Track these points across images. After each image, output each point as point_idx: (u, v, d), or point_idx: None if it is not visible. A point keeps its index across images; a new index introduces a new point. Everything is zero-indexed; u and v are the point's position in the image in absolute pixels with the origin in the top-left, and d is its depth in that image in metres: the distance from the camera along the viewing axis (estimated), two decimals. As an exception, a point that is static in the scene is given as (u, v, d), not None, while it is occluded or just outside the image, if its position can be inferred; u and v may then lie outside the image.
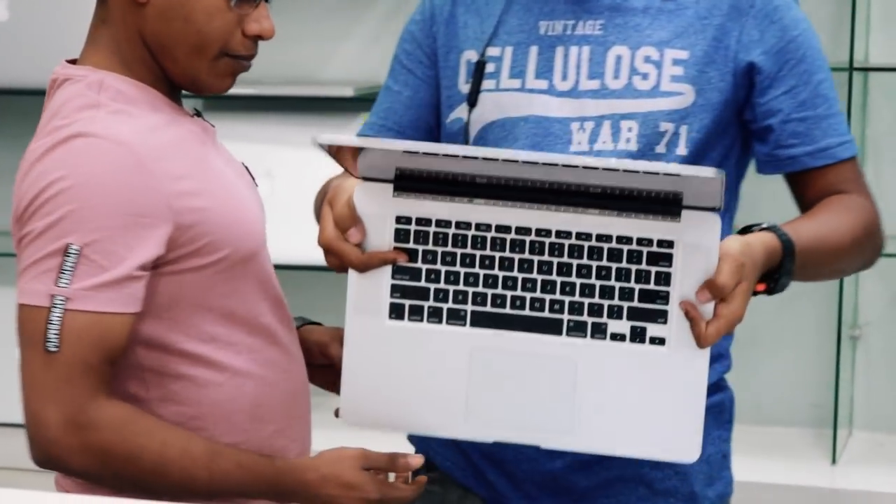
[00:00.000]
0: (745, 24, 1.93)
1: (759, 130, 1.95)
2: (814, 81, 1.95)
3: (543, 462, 1.95)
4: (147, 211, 1.73)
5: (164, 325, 1.78)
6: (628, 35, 1.93)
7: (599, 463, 1.94)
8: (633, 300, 1.71)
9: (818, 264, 1.89)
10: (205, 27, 1.79)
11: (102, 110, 1.76)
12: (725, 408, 2.05)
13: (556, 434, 1.72)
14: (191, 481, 1.75)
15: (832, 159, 1.95)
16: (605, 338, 1.71)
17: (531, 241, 1.73)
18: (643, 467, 1.95)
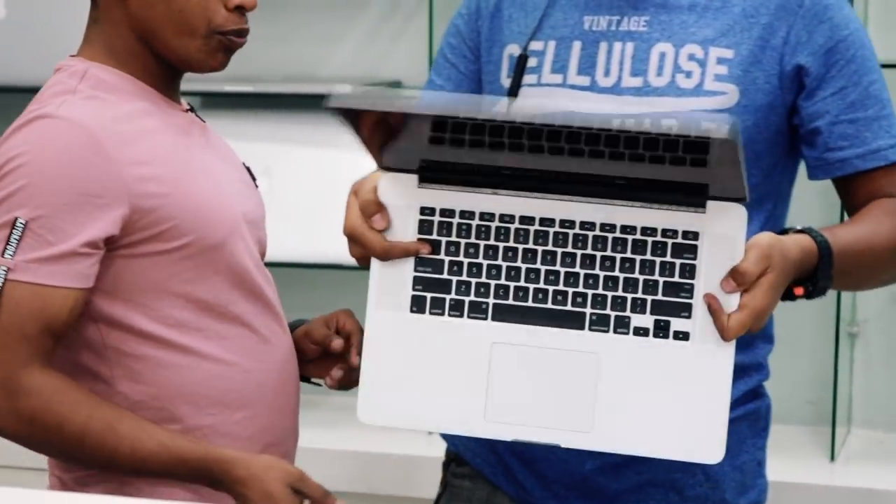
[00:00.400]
0: (793, 24, 1.88)
1: (807, 134, 1.91)
2: (864, 82, 1.90)
3: (574, 464, 1.94)
4: (101, 191, 1.79)
5: (127, 306, 1.85)
6: (673, 32, 1.90)
7: (630, 466, 1.93)
8: (657, 293, 1.70)
9: (859, 269, 1.85)
10: (186, 6, 1.86)
11: (76, 96, 1.85)
12: (761, 415, 2.03)
13: (575, 434, 1.70)
14: (112, 456, 1.81)
15: (884, 161, 1.90)
16: (629, 332, 1.70)
17: (555, 232, 1.73)
18: (675, 472, 1.94)
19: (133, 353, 1.86)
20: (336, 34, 3.54)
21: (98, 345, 1.86)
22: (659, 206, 1.71)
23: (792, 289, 1.78)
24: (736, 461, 1.97)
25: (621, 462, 1.92)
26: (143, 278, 1.84)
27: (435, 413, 1.74)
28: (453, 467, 2.08)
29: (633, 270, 1.71)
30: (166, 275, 1.85)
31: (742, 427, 1.98)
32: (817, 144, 1.90)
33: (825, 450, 3.14)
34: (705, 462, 1.70)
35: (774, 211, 1.95)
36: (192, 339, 1.87)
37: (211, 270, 1.87)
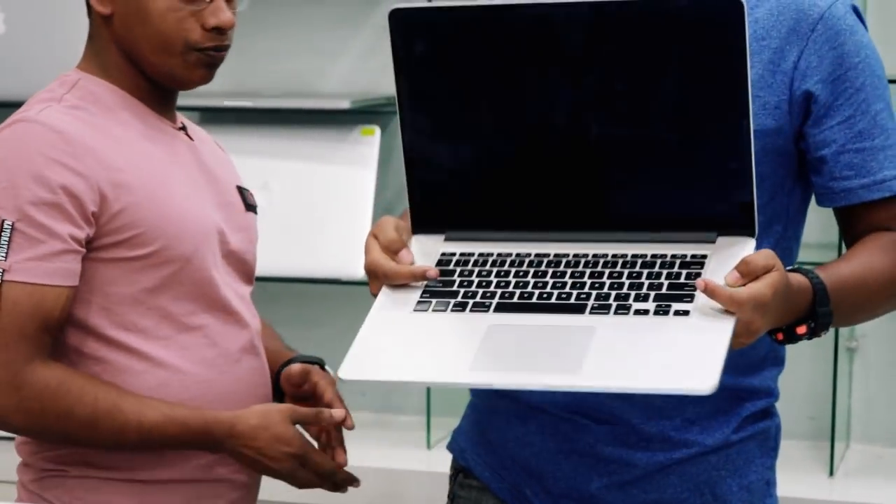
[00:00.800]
0: (804, 49, 1.85)
1: (813, 161, 1.89)
2: (872, 111, 1.87)
3: (581, 480, 1.94)
4: (75, 192, 1.85)
5: (91, 309, 1.90)
6: None
7: (636, 485, 1.93)
8: (661, 290, 1.69)
9: (852, 306, 1.84)
10: (162, 26, 1.91)
11: (60, 104, 1.91)
12: (771, 435, 2.03)
13: (563, 374, 1.64)
14: (122, 434, 1.87)
15: (889, 192, 1.87)
16: (629, 313, 1.68)
17: (567, 261, 1.75)
18: (683, 492, 1.93)
19: (93, 355, 1.91)
20: (335, 49, 3.55)
21: (65, 345, 1.91)
22: (669, 241, 1.73)
23: (794, 328, 1.76)
24: (744, 481, 1.97)
25: (629, 480, 1.92)
26: (106, 283, 1.90)
27: (418, 367, 1.71)
28: (461, 479, 2.07)
29: (641, 277, 1.71)
30: (130, 281, 1.90)
31: (751, 446, 1.97)
32: (823, 172, 1.89)
33: (824, 465, 3.14)
34: (697, 392, 1.60)
35: (784, 233, 1.93)
36: (152, 346, 1.92)
37: (175, 281, 1.92)
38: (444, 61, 1.80)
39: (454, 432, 2.12)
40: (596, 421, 1.92)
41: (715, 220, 1.73)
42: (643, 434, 1.92)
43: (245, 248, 2.04)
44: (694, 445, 1.93)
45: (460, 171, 1.82)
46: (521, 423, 1.97)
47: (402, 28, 1.79)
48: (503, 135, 1.80)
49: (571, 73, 1.76)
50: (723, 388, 1.72)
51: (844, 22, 1.88)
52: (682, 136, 1.74)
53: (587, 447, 1.93)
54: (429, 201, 1.82)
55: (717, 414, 1.94)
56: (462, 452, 2.07)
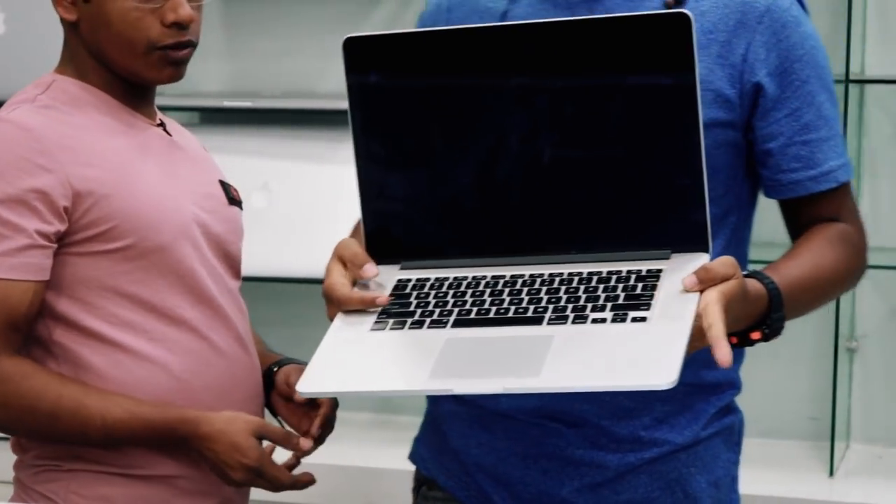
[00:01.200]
0: (751, 42, 1.86)
1: (760, 153, 1.90)
2: (817, 103, 1.89)
3: (551, 485, 1.93)
4: (45, 188, 1.88)
5: (73, 303, 1.92)
6: None
7: (607, 486, 1.92)
8: (617, 301, 1.70)
9: (805, 304, 1.86)
10: (122, 29, 1.95)
11: (33, 104, 1.95)
12: (735, 430, 2.03)
13: (521, 378, 1.64)
14: (85, 431, 1.90)
15: (835, 182, 1.89)
16: (586, 322, 1.68)
17: (524, 280, 1.75)
18: (654, 491, 1.93)
19: (77, 349, 1.92)
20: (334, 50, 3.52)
21: (46, 339, 1.93)
22: (624, 260, 1.74)
23: (748, 334, 1.76)
24: (712, 477, 1.97)
25: (600, 482, 1.92)
26: (86, 276, 1.92)
27: (377, 377, 1.71)
28: (424, 491, 2.06)
29: (597, 291, 1.72)
30: (109, 274, 1.92)
31: (717, 442, 1.98)
32: (770, 165, 1.90)
33: (824, 465, 3.14)
34: (657, 387, 1.59)
35: (738, 223, 1.94)
36: (137, 339, 1.94)
37: (156, 273, 1.94)
38: (397, 88, 1.81)
39: (415, 441, 2.10)
40: (565, 424, 1.92)
41: (669, 238, 1.73)
42: (613, 435, 1.92)
43: (229, 240, 2.05)
44: (664, 444, 1.93)
45: (414, 200, 1.82)
46: (485, 429, 1.96)
47: (356, 56, 1.81)
48: (456, 161, 1.80)
49: (522, 95, 1.77)
50: (687, 384, 1.75)
51: (790, 13, 1.88)
52: (634, 155, 1.75)
53: (557, 451, 1.93)
54: (383, 231, 1.82)
55: (685, 411, 1.94)
56: (424, 462, 2.06)
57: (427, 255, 1.81)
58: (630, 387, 1.62)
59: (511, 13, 1.94)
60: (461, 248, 1.80)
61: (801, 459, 3.22)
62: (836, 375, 3.13)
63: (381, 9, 3.49)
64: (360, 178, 1.82)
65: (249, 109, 3.46)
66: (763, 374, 3.31)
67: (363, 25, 3.51)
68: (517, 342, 1.68)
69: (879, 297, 3.27)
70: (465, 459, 1.98)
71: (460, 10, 1.98)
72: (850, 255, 1.92)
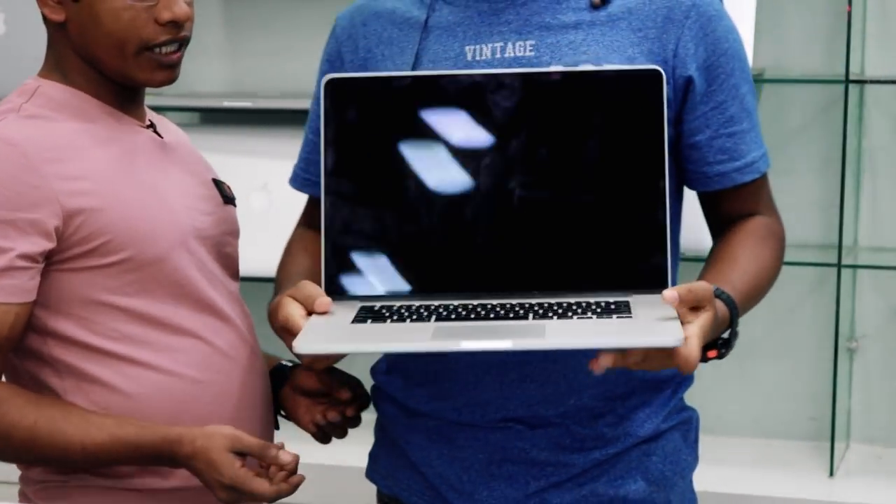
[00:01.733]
0: (680, 37, 1.88)
1: (686, 146, 1.91)
2: (740, 95, 1.91)
3: (517, 487, 1.92)
4: (30, 206, 1.82)
5: (69, 320, 1.87)
6: (563, 53, 1.87)
7: (572, 480, 1.93)
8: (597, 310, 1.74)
9: (749, 308, 1.89)
10: (114, 28, 1.89)
11: (18, 114, 1.88)
12: (693, 426, 2.04)
13: (526, 339, 1.68)
14: (64, 455, 1.84)
15: (757, 173, 1.93)
16: (572, 319, 1.71)
17: (492, 305, 1.77)
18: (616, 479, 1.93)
19: (80, 365, 1.88)
20: (335, 50, 3.54)
21: (46, 357, 1.88)
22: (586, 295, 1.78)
23: (706, 352, 1.78)
24: (675, 467, 1.98)
25: (566, 479, 1.92)
26: (81, 293, 1.87)
27: (376, 338, 1.72)
28: None
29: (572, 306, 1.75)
30: (106, 289, 1.87)
31: (676, 437, 1.99)
32: (696, 158, 1.92)
33: (824, 465, 3.13)
34: (668, 345, 1.64)
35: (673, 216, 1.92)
36: (141, 351, 1.89)
37: (154, 285, 1.89)
38: (371, 129, 1.84)
39: (370, 457, 2.08)
40: (529, 426, 1.92)
41: (629, 279, 1.79)
42: (578, 435, 1.93)
43: (226, 242, 2.02)
44: (627, 437, 1.94)
45: (378, 239, 1.83)
46: (446, 441, 1.95)
47: (335, 96, 1.84)
48: (422, 202, 1.83)
49: (495, 141, 1.81)
50: (646, 380, 1.89)
51: (713, 7, 1.91)
52: (599, 200, 1.80)
53: (521, 454, 1.93)
54: (345, 269, 1.83)
55: (644, 406, 1.95)
56: (385, 480, 2.04)
57: (389, 295, 1.82)
58: (642, 344, 1.66)
59: (432, 20, 1.93)
60: (423, 287, 1.82)
61: (801, 459, 3.22)
62: (836, 375, 3.13)
63: (381, 9, 3.49)
64: (325, 216, 1.84)
65: (249, 109, 3.45)
66: (763, 374, 3.31)
67: (363, 25, 3.51)
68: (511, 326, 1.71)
69: (879, 297, 3.27)
70: (427, 472, 1.97)
71: (376, 23, 1.98)
72: (779, 250, 1.97)
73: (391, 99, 1.84)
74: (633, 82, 1.79)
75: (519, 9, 1.90)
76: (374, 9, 1.99)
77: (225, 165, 2.14)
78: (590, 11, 1.89)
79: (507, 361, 1.89)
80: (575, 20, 1.88)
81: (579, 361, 1.85)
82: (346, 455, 2.41)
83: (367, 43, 1.98)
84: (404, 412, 1.98)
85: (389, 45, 1.95)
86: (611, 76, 1.80)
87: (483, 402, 1.92)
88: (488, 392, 1.91)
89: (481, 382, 1.91)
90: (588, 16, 1.88)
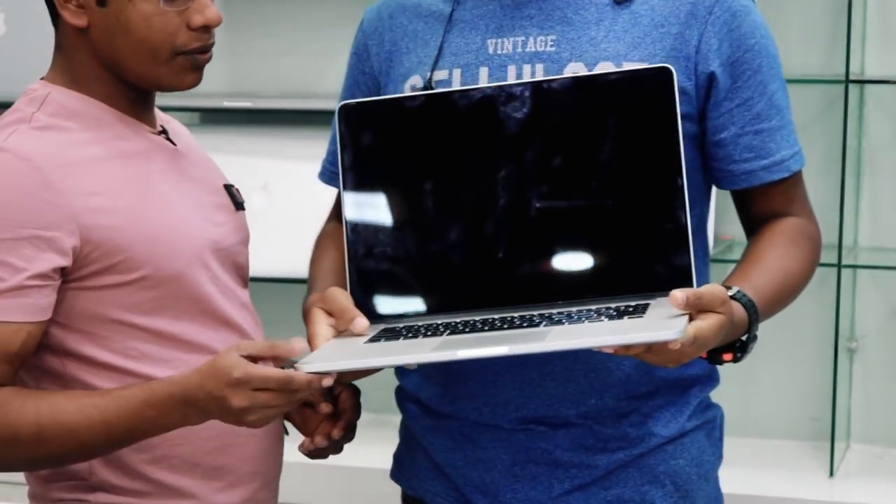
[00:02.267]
0: (703, 33, 1.86)
1: (712, 144, 1.90)
2: (768, 92, 1.89)
3: (541, 490, 1.92)
4: (48, 224, 1.77)
5: (85, 338, 1.83)
6: (583, 50, 1.86)
7: (598, 483, 1.92)
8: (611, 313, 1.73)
9: (772, 313, 1.88)
10: (146, 34, 1.83)
11: (30, 125, 1.83)
12: (717, 425, 2.03)
13: (527, 343, 1.67)
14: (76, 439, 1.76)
15: (787, 172, 1.90)
16: (584, 322, 1.71)
17: (513, 317, 1.77)
18: (644, 485, 1.93)
19: (95, 384, 1.83)
20: (334, 50, 3.54)
21: (60, 374, 1.84)
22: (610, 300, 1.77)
23: (720, 354, 1.78)
24: (701, 470, 1.97)
25: (590, 482, 1.92)
26: (98, 311, 1.83)
27: (381, 355, 1.72)
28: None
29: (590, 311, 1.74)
30: (123, 307, 1.83)
31: (700, 436, 1.98)
32: (722, 156, 1.90)
33: (824, 465, 3.13)
34: (666, 339, 1.63)
35: (701, 213, 1.95)
36: (157, 369, 1.85)
37: (171, 301, 1.85)
38: (389, 151, 1.85)
39: (395, 459, 2.08)
40: (552, 427, 1.92)
41: (653, 282, 1.77)
42: (602, 435, 1.92)
43: (238, 251, 1.99)
44: (652, 438, 1.93)
45: (401, 258, 1.84)
46: (468, 441, 1.95)
47: (350, 121, 1.85)
48: (444, 218, 1.84)
49: (511, 152, 1.81)
50: (670, 379, 1.87)
51: (739, 3, 1.89)
52: (619, 204, 1.79)
53: (545, 455, 1.92)
54: (371, 292, 1.84)
55: (669, 406, 1.94)
56: (409, 481, 2.04)
57: (415, 314, 1.83)
58: (639, 340, 1.64)
59: (457, 13, 1.93)
60: (448, 305, 1.83)
61: (802, 459, 3.22)
62: (836, 375, 3.13)
63: (381, 9, 3.49)
64: (347, 239, 1.85)
65: (249, 109, 3.45)
66: (763, 374, 3.31)
67: (363, 25, 3.51)
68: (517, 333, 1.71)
69: (880, 297, 3.27)
70: (451, 474, 1.97)
71: (402, 16, 1.98)
72: (811, 251, 1.94)
73: (404, 120, 1.85)
74: (644, 82, 1.78)
75: (541, 3, 1.90)
76: (401, 2, 2.00)
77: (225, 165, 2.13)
78: (612, 8, 1.88)
79: (526, 361, 1.89)
80: (597, 16, 1.88)
81: (601, 360, 1.85)
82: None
83: (392, 36, 1.98)
84: (428, 413, 1.99)
85: (414, 39, 1.96)
86: (621, 78, 1.79)
87: (503, 401, 1.91)
88: (508, 391, 1.91)
89: (501, 381, 1.91)
90: (610, 12, 1.88)
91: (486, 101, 1.82)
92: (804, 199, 1.96)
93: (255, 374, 1.69)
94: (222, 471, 1.92)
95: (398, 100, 1.87)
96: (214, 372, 1.71)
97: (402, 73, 1.95)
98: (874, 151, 3.25)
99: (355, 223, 1.85)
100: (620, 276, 1.79)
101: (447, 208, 1.84)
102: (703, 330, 1.67)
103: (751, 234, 1.96)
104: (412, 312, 1.83)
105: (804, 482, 3.08)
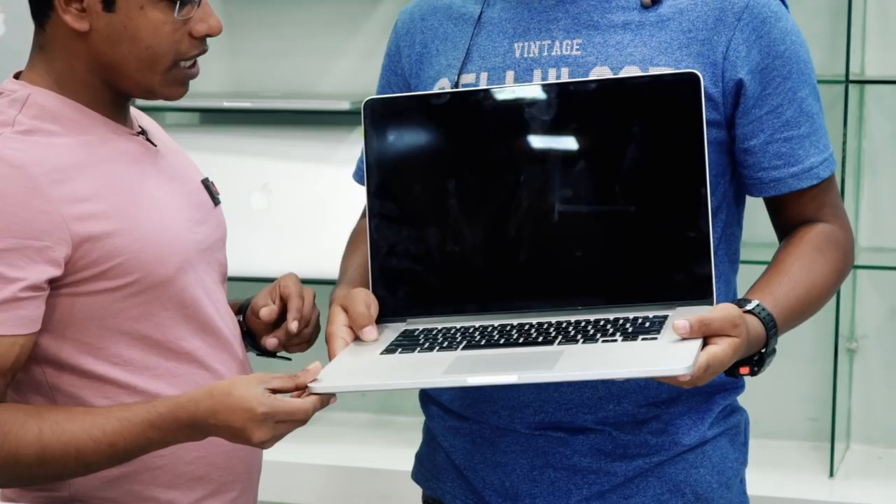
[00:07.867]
0: (732, 39, 1.85)
1: (741, 151, 1.89)
2: (798, 99, 1.87)
3: (559, 496, 1.92)
4: (39, 234, 1.74)
5: (73, 346, 1.81)
6: (609, 54, 1.86)
7: (617, 491, 1.92)
8: (626, 330, 1.72)
9: (795, 324, 1.87)
10: (153, 42, 1.83)
11: (13, 129, 1.79)
12: (741, 430, 2.02)
13: (535, 372, 1.66)
14: (81, 458, 1.74)
15: (816, 179, 1.89)
16: (597, 342, 1.71)
17: (531, 325, 1.77)
18: (664, 494, 1.92)
19: (78, 394, 1.82)
20: (335, 50, 3.55)
21: (43, 386, 1.83)
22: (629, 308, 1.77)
23: (737, 368, 1.77)
24: (722, 477, 1.96)
25: (609, 489, 1.91)
26: (87, 317, 1.81)
27: (391, 376, 1.73)
28: None
29: (606, 325, 1.74)
30: (112, 312, 1.81)
31: (723, 442, 1.97)
32: (751, 163, 1.89)
33: (824, 466, 3.14)
34: (674, 373, 1.62)
35: (728, 220, 1.93)
36: (140, 378, 1.84)
37: (159, 306, 1.84)
38: (412, 148, 1.86)
39: (416, 459, 2.09)
40: (570, 433, 1.91)
41: (674, 291, 1.77)
42: (621, 442, 1.91)
43: (217, 247, 1.98)
44: (672, 446, 1.92)
45: (424, 257, 1.84)
46: (489, 444, 1.95)
47: (375, 117, 1.85)
48: (466, 219, 1.84)
49: (532, 154, 1.81)
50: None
51: (769, 9, 1.87)
52: (642, 211, 1.79)
53: (563, 461, 1.92)
54: (391, 288, 1.85)
55: (690, 413, 1.93)
56: (428, 483, 2.04)
57: (434, 312, 1.84)
58: (647, 373, 1.64)
59: (486, 15, 1.94)
60: (468, 305, 1.83)
61: (802, 460, 3.22)
62: (836, 376, 3.13)
63: (382, 8, 3.49)
64: (370, 236, 1.85)
65: (249, 110, 3.45)
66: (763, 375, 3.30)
67: (363, 25, 3.52)
68: (528, 354, 1.71)
69: (880, 297, 3.27)
70: (471, 477, 1.97)
71: (434, 18, 1.98)
72: (839, 260, 1.91)
73: (428, 118, 1.85)
74: (670, 88, 1.76)
75: (568, 6, 1.89)
76: (434, 3, 2.00)
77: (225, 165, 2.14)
78: (640, 12, 1.87)
79: None
80: (623, 20, 1.87)
81: None
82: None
83: (423, 38, 1.99)
84: (448, 415, 1.99)
85: (444, 41, 1.96)
86: (647, 82, 1.78)
87: (521, 405, 1.91)
88: (526, 395, 1.91)
89: (519, 386, 1.88)
90: (637, 16, 1.87)
91: (511, 101, 1.82)
92: (835, 205, 1.94)
93: (281, 410, 1.70)
94: (203, 480, 1.91)
95: (423, 97, 1.87)
96: (232, 403, 1.71)
97: (431, 75, 1.96)
98: (874, 151, 3.25)
99: (378, 220, 1.86)
100: (641, 283, 1.78)
101: (469, 208, 1.84)
102: (715, 357, 1.66)
103: (782, 239, 1.94)
104: (432, 311, 1.84)
105: (804, 483, 3.09)
